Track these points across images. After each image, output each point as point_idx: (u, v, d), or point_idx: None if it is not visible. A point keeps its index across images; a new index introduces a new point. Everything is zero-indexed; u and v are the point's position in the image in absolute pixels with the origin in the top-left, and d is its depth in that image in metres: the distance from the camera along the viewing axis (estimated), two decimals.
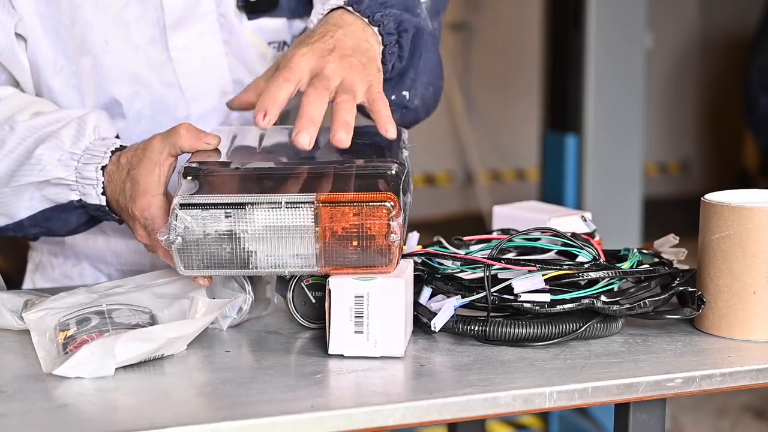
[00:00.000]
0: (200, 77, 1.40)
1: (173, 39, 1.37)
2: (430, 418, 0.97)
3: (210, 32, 1.40)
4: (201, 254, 1.05)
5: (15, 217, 1.30)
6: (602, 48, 3.36)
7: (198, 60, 1.40)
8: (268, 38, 1.44)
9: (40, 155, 1.25)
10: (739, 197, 1.18)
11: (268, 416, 0.93)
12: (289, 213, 1.02)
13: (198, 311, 1.11)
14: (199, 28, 1.39)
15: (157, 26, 1.37)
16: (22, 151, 1.27)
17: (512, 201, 1.44)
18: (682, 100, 6.82)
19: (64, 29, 1.34)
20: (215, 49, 1.40)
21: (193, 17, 1.38)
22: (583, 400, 1.01)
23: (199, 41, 1.39)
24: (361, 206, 1.02)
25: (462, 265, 1.15)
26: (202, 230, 1.03)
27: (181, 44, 1.38)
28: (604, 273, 1.12)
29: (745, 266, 1.13)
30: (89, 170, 1.23)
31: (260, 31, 1.43)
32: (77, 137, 1.25)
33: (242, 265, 1.05)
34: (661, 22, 5.98)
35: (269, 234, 1.04)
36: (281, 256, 1.05)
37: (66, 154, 1.24)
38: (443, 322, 1.10)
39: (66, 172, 1.24)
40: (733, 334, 1.14)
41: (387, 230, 1.03)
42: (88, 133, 1.25)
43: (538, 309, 1.10)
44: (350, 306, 1.06)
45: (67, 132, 1.25)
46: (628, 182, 3.50)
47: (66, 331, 1.07)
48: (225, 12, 1.40)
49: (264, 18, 1.42)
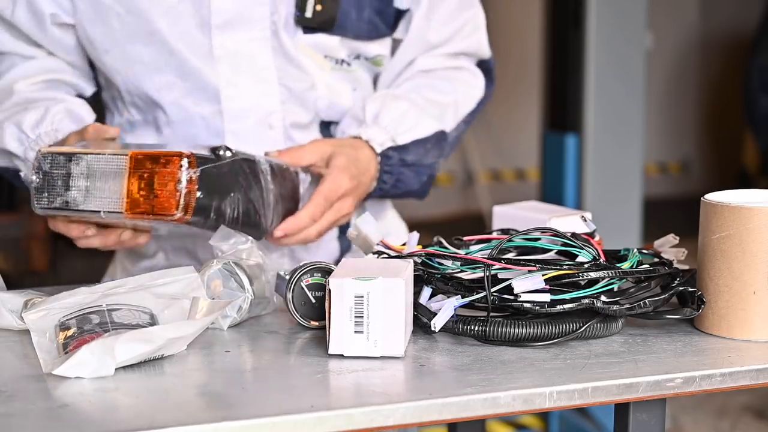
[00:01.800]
0: (243, 77, 1.47)
1: (218, 39, 1.46)
2: (430, 418, 0.97)
3: (261, 38, 1.47)
4: (49, 193, 1.27)
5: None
6: (602, 48, 3.36)
7: (243, 62, 1.47)
8: (323, 52, 1.49)
9: (5, 127, 1.46)
10: (739, 197, 1.18)
11: (268, 416, 0.93)
12: (111, 160, 1.25)
13: (198, 311, 1.11)
14: (250, 33, 1.46)
15: (205, 24, 1.45)
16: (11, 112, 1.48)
17: (512, 201, 1.44)
18: (682, 100, 6.82)
19: (114, 17, 1.46)
20: (264, 55, 1.48)
21: (244, 22, 1.46)
22: (583, 400, 1.01)
23: (248, 45, 1.46)
24: (159, 158, 1.24)
25: (462, 265, 1.15)
26: (50, 170, 1.27)
27: (228, 45, 1.46)
28: (604, 273, 1.12)
29: (745, 266, 1.13)
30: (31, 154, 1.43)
31: (315, 46, 1.50)
32: (37, 122, 1.45)
33: (74, 203, 1.26)
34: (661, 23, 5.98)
35: (95, 176, 1.25)
36: (101, 197, 1.25)
37: (22, 135, 1.45)
38: (443, 322, 1.10)
39: (18, 149, 1.45)
40: (733, 334, 1.14)
41: (176, 180, 1.23)
42: (46, 122, 1.44)
43: (538, 309, 1.10)
44: (350, 306, 1.06)
45: (32, 115, 1.45)
46: (628, 182, 3.50)
47: (66, 331, 1.07)
48: (277, 20, 1.46)
49: (320, 35, 1.49)
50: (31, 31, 1.52)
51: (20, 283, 1.60)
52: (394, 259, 1.16)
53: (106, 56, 1.49)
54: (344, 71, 1.53)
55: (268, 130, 1.50)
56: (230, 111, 1.48)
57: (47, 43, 1.53)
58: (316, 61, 1.50)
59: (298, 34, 1.48)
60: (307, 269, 1.18)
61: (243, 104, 1.48)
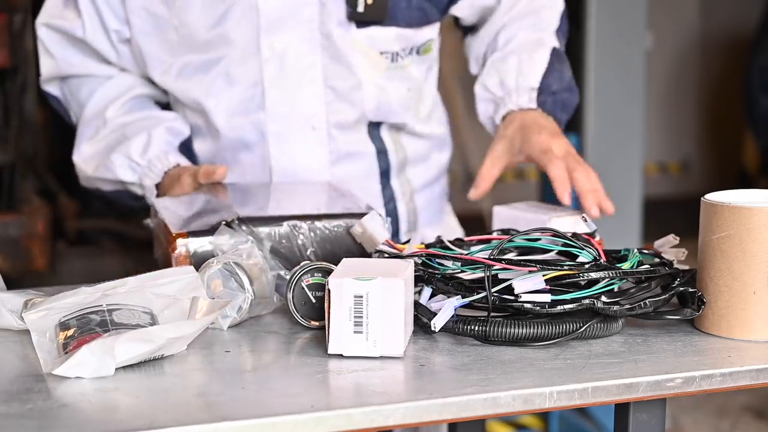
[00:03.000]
0: (289, 79, 1.49)
1: (267, 40, 1.47)
2: (430, 418, 0.97)
3: (309, 38, 1.48)
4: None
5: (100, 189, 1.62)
6: (602, 48, 3.36)
7: (290, 63, 1.48)
8: (379, 48, 1.50)
9: (113, 159, 1.55)
10: (739, 197, 1.18)
11: (268, 416, 0.93)
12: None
13: (198, 311, 1.11)
14: (299, 33, 1.48)
15: (253, 28, 1.47)
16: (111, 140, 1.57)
17: (512, 201, 1.44)
18: (682, 100, 6.82)
19: (171, 29, 1.50)
20: (312, 55, 1.49)
21: (293, 22, 1.47)
22: (583, 400, 1.01)
23: (297, 46, 1.48)
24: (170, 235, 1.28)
25: (462, 265, 1.15)
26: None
27: (276, 46, 1.48)
28: (605, 273, 1.12)
29: (746, 266, 1.13)
30: (147, 181, 1.53)
31: (371, 40, 1.49)
32: (144, 149, 1.53)
33: None
34: (661, 22, 5.98)
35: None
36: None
37: (133, 163, 1.54)
38: (443, 322, 1.10)
39: (132, 177, 1.55)
40: (733, 334, 1.14)
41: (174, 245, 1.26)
42: (153, 147, 1.53)
43: (539, 309, 1.10)
44: (350, 306, 1.06)
45: (137, 142, 1.54)
46: (628, 182, 3.50)
47: (66, 331, 1.07)
48: (327, 20, 1.48)
49: (374, 28, 1.49)
50: (104, 47, 1.56)
51: (20, 283, 1.60)
52: (395, 259, 1.16)
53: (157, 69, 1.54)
54: (399, 69, 1.53)
55: (311, 132, 1.51)
56: (274, 113, 1.50)
57: (118, 59, 1.57)
58: (371, 59, 1.51)
59: (351, 29, 1.48)
60: (308, 269, 1.18)
61: (286, 107, 1.50)
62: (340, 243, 1.29)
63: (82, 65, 1.59)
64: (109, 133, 1.57)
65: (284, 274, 1.25)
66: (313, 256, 1.28)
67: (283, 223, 1.28)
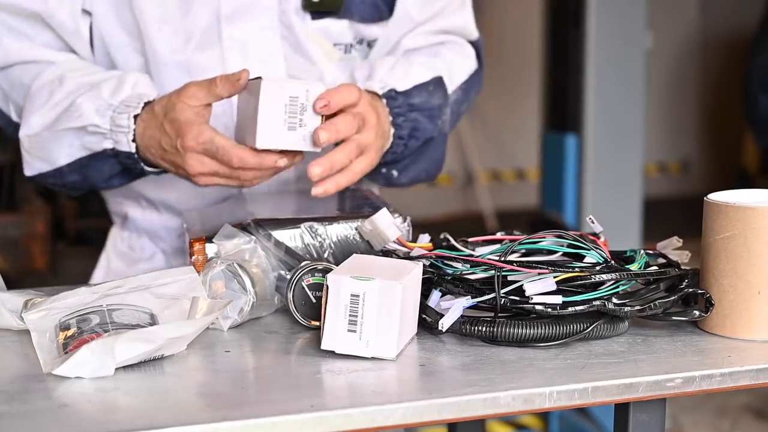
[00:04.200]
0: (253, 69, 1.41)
1: (227, 30, 1.44)
2: (430, 418, 0.97)
3: (269, 27, 1.46)
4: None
5: (55, 163, 1.42)
6: (602, 48, 3.36)
7: (253, 52, 1.45)
8: (332, 39, 1.48)
9: (80, 103, 1.36)
10: (742, 197, 1.17)
11: (268, 416, 0.93)
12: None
13: (198, 312, 1.11)
14: (259, 22, 1.45)
15: (214, 15, 1.43)
16: (67, 103, 1.38)
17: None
18: (682, 100, 6.82)
19: (126, 8, 1.43)
20: (273, 44, 1.46)
21: (253, 11, 1.44)
22: (583, 400, 1.01)
23: (257, 35, 1.45)
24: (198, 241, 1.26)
25: (471, 266, 1.14)
26: None
27: (236, 35, 1.44)
28: (616, 275, 1.12)
29: (750, 266, 1.13)
30: (122, 119, 1.34)
31: (323, 31, 1.48)
32: (116, 90, 1.36)
33: None
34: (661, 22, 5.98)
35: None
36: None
37: (103, 104, 1.35)
38: (451, 322, 1.10)
39: (101, 119, 1.35)
40: (736, 334, 1.14)
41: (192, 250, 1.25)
42: (126, 87, 1.36)
43: (551, 311, 1.10)
44: (345, 304, 1.06)
45: (107, 85, 1.37)
46: (628, 182, 3.50)
47: (66, 331, 1.07)
48: (286, 9, 1.45)
49: (328, 19, 1.48)
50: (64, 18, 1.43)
51: (20, 283, 1.59)
52: (404, 260, 1.16)
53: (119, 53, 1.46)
54: (352, 60, 1.52)
55: None
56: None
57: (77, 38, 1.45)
58: (325, 49, 1.49)
59: (306, 20, 1.47)
60: (308, 269, 1.18)
61: None
62: (358, 244, 1.29)
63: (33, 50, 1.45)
64: (67, 95, 1.38)
65: (285, 274, 1.25)
66: (332, 258, 1.28)
67: (300, 226, 1.28)
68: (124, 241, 1.62)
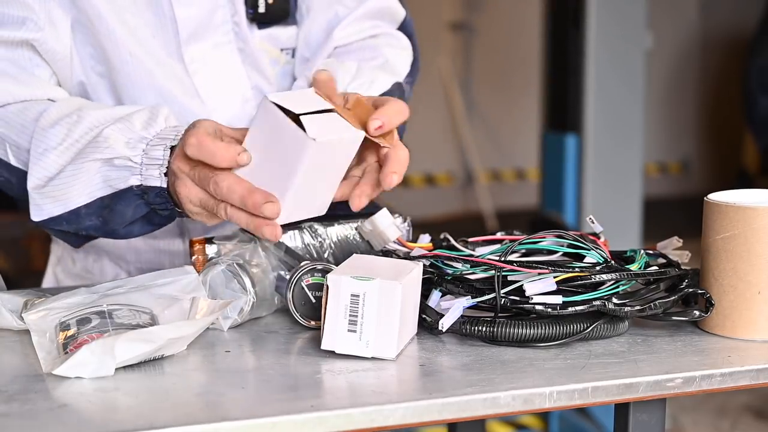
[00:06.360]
0: (220, 87, 1.42)
1: (188, 52, 1.40)
2: (430, 418, 0.97)
3: (226, 42, 1.42)
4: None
5: (70, 205, 1.24)
6: (602, 48, 3.37)
7: (216, 70, 1.42)
8: (279, 45, 1.46)
9: (107, 135, 1.22)
10: (742, 197, 1.17)
11: (268, 416, 0.93)
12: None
13: (198, 312, 1.11)
14: (215, 39, 1.41)
15: (174, 40, 1.39)
16: (92, 136, 1.23)
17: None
18: (682, 100, 6.82)
19: (93, 36, 1.35)
20: (232, 59, 1.43)
21: (208, 29, 1.41)
22: (583, 400, 1.01)
23: (215, 51, 1.42)
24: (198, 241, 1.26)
25: (471, 266, 1.14)
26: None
27: (197, 56, 1.41)
28: (616, 275, 1.12)
29: (750, 266, 1.13)
30: (157, 151, 1.20)
31: (271, 39, 1.46)
32: (148, 122, 1.22)
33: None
34: (661, 22, 5.98)
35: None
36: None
37: (136, 136, 1.21)
38: (451, 322, 1.10)
39: (132, 152, 1.20)
40: (737, 334, 1.14)
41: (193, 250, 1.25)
42: (160, 120, 1.23)
43: (551, 311, 1.10)
44: (346, 304, 1.06)
45: (139, 117, 1.23)
46: (628, 182, 3.50)
47: (66, 331, 1.07)
48: (239, 21, 1.42)
49: (275, 27, 1.45)
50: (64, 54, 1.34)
51: (20, 283, 1.59)
52: (404, 260, 1.16)
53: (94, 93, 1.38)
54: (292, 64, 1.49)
55: None
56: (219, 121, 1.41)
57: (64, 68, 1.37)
58: (272, 56, 1.46)
59: (253, 30, 1.43)
60: (308, 269, 1.18)
61: (227, 113, 1.42)
62: (358, 244, 1.29)
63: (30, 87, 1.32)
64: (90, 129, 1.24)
65: (285, 274, 1.25)
66: (332, 258, 1.28)
67: (300, 226, 1.28)
68: (77, 263, 1.52)
